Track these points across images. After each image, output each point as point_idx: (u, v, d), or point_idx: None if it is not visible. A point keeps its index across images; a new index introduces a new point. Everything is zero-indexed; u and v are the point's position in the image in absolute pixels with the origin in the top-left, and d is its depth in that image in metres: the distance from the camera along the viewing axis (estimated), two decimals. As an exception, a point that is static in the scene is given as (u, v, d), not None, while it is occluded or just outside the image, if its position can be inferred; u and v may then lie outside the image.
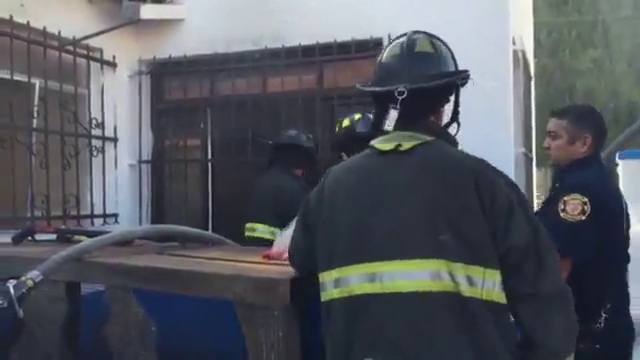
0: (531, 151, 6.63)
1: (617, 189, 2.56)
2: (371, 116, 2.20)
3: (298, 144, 3.61)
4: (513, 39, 4.53)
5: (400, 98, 1.56)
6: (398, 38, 1.69)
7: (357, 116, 3.27)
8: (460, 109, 1.72)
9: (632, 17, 12.46)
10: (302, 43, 4.41)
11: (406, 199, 1.50)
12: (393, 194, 1.52)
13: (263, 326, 1.83)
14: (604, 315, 2.23)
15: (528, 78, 6.39)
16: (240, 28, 4.54)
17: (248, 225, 3.60)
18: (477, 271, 1.43)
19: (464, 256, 1.43)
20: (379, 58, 1.71)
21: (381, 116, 1.62)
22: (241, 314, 1.87)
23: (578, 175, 2.34)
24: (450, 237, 1.43)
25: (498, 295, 1.44)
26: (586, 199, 2.19)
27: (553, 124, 2.46)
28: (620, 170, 4.38)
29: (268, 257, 2.21)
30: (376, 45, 4.14)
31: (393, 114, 1.58)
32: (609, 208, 2.26)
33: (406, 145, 1.56)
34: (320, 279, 1.58)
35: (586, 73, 13.09)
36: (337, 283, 1.53)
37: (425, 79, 1.59)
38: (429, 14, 3.96)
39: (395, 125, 1.59)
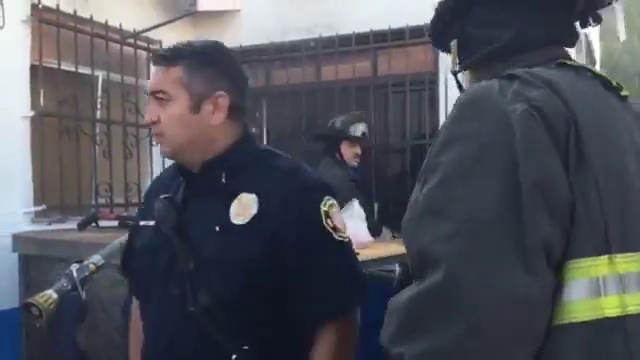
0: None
1: None
2: None
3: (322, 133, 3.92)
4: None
5: None
6: None
7: None
8: None
9: None
10: (356, 30, 4.40)
11: None
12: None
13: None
14: None
15: (592, 63, 6.16)
16: (294, 17, 4.56)
17: None
18: None
19: None
20: None
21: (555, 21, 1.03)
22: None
23: None
24: None
25: None
26: None
27: None
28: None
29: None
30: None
31: (620, 15, 1.07)
32: None
33: (624, 90, 1.02)
34: (571, 270, 0.81)
35: (656, 56, 12.48)
36: (616, 284, 0.82)
37: None
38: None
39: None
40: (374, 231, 3.06)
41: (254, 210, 1.34)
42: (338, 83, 4.53)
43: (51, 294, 2.08)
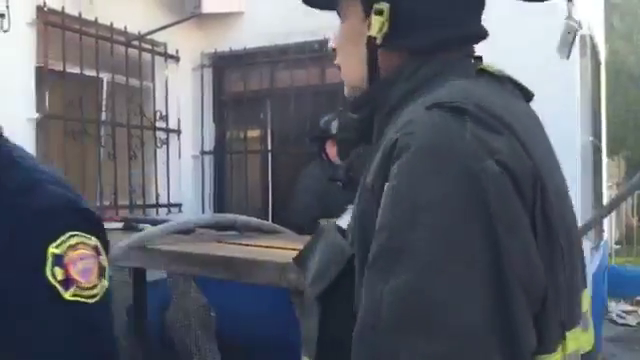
0: (600, 139, 6.37)
1: None
2: None
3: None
4: (580, 23, 4.36)
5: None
6: None
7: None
8: None
9: None
10: (360, 33, 4.40)
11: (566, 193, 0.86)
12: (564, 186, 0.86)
13: (317, 313, 1.86)
14: None
15: (597, 63, 6.14)
16: (298, 19, 4.55)
17: None
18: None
19: None
20: None
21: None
22: (295, 301, 1.91)
23: None
24: None
25: None
26: None
27: None
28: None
29: (323, 246, 2.23)
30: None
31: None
32: None
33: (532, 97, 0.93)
34: None
35: (662, 57, 12.42)
36: None
37: None
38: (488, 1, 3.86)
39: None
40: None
41: None
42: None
43: (56, 296, 2.09)
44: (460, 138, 0.70)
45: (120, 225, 3.24)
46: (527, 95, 0.90)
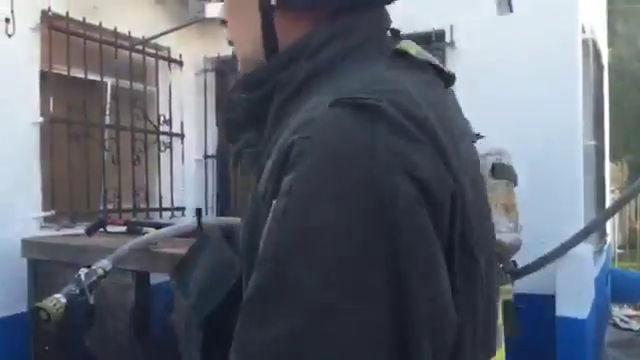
0: (603, 143, 6.37)
1: None
2: None
3: None
4: (583, 27, 4.37)
5: None
6: None
7: None
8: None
9: None
10: (363, 37, 4.41)
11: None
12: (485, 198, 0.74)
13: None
14: None
15: (600, 68, 6.14)
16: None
17: None
18: None
19: None
20: None
21: None
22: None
23: None
24: None
25: None
26: None
27: None
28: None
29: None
30: (438, 37, 4.09)
31: None
32: None
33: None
34: None
35: (665, 62, 12.42)
36: None
37: None
38: (491, 3, 3.87)
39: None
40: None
41: None
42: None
43: (59, 299, 2.10)
44: (368, 149, 0.56)
45: (124, 228, 3.25)
46: (448, 80, 0.74)
